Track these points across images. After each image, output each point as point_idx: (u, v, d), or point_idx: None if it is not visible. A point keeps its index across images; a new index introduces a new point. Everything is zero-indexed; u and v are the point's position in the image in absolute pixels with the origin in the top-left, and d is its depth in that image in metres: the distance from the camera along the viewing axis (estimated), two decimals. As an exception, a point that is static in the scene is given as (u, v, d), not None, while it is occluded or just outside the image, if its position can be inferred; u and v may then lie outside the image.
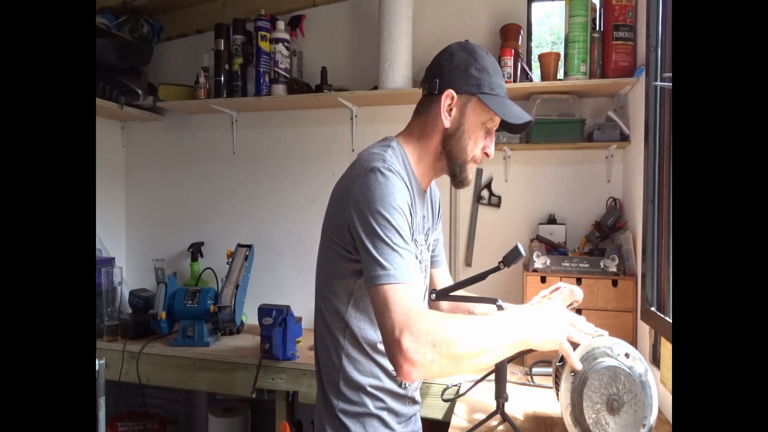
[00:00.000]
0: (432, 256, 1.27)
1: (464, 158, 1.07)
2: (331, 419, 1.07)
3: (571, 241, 2.07)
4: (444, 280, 1.33)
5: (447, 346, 0.82)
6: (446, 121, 1.05)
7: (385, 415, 1.07)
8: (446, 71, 1.05)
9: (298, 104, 2.33)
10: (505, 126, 1.09)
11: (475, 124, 1.06)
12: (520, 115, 1.06)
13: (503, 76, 1.08)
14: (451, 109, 1.05)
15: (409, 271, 0.89)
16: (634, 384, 1.08)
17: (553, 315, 0.97)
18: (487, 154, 1.10)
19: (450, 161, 1.08)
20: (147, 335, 2.12)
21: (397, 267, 0.88)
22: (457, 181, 1.10)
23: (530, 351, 1.48)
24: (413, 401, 1.15)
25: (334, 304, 1.04)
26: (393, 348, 0.83)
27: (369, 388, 1.05)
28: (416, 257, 1.03)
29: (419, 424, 1.20)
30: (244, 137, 2.52)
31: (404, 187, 0.96)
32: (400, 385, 1.10)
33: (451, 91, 1.03)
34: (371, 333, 1.04)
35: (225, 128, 2.52)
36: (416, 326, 0.82)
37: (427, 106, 1.08)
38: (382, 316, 0.86)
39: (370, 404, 1.05)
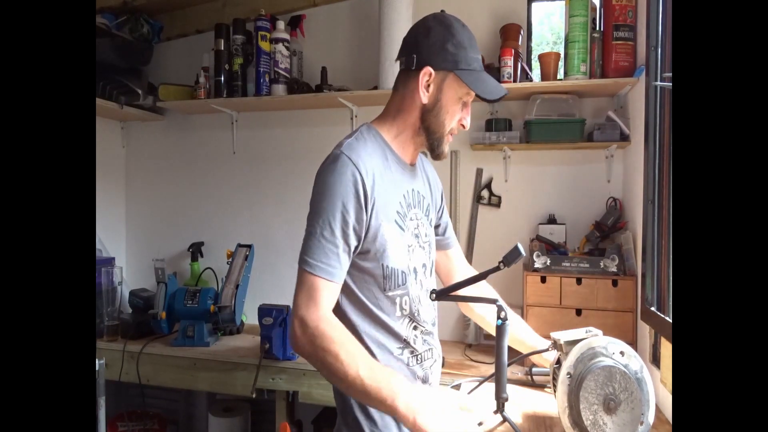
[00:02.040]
0: (443, 239, 1.33)
1: (442, 132, 1.10)
2: (345, 415, 1.09)
3: (571, 241, 2.07)
4: (458, 259, 1.39)
5: (321, 354, 0.94)
6: (424, 98, 1.07)
7: None
8: (423, 47, 1.06)
9: (298, 104, 2.33)
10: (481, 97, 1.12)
11: (452, 99, 1.08)
12: (495, 90, 1.08)
13: (478, 49, 1.10)
14: (428, 86, 1.06)
15: (326, 264, 0.98)
16: (630, 382, 1.08)
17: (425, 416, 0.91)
18: (463, 126, 1.12)
19: (428, 135, 1.10)
20: (147, 335, 2.12)
21: (314, 256, 0.98)
22: (435, 155, 1.13)
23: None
24: (424, 380, 1.14)
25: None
26: (291, 322, 0.99)
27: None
28: (401, 229, 1.09)
29: None
30: (244, 137, 2.52)
31: (353, 173, 1.00)
32: (407, 365, 1.10)
33: (429, 68, 1.05)
34: (374, 316, 1.07)
35: (225, 128, 2.52)
36: (307, 320, 0.96)
37: (405, 82, 1.10)
38: (295, 292, 1.01)
39: None
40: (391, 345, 1.08)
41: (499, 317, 1.15)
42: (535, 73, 2.09)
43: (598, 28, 1.94)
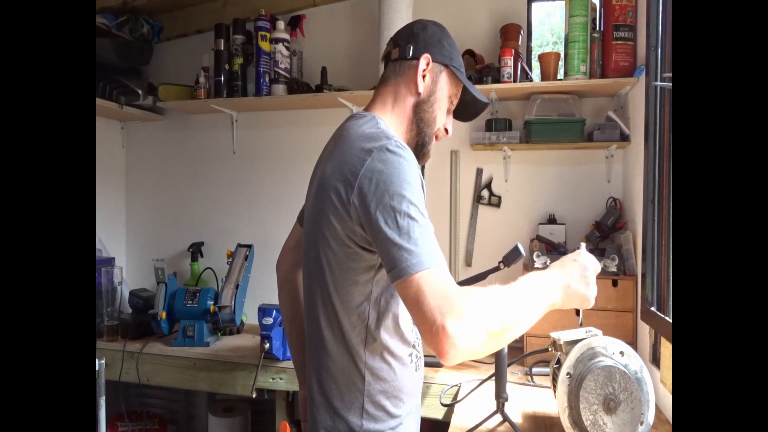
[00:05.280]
0: None
1: (433, 128, 1.07)
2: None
3: (571, 241, 2.07)
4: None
5: (490, 324, 0.77)
6: (420, 86, 1.03)
7: (410, 419, 1.02)
8: (421, 38, 1.05)
9: (298, 104, 2.33)
10: (459, 110, 1.12)
11: (444, 96, 1.06)
12: (481, 96, 1.10)
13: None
14: (425, 75, 1.04)
15: (437, 252, 0.81)
16: (630, 382, 1.08)
17: (579, 276, 0.99)
18: (446, 130, 1.10)
19: (420, 130, 1.05)
20: (147, 335, 2.12)
21: (424, 251, 0.79)
22: (422, 153, 1.07)
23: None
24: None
25: (351, 313, 0.94)
26: (438, 335, 0.74)
27: (398, 393, 0.98)
28: None
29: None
30: (244, 137, 2.52)
31: (415, 162, 0.90)
32: (415, 370, 1.03)
33: (428, 56, 1.03)
34: (398, 329, 0.98)
35: (225, 128, 2.52)
36: (458, 309, 0.75)
37: (399, 71, 1.05)
38: (418, 307, 0.77)
39: (402, 409, 0.99)
40: (404, 353, 1.00)
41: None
42: (535, 73, 2.09)
43: (598, 28, 1.94)
